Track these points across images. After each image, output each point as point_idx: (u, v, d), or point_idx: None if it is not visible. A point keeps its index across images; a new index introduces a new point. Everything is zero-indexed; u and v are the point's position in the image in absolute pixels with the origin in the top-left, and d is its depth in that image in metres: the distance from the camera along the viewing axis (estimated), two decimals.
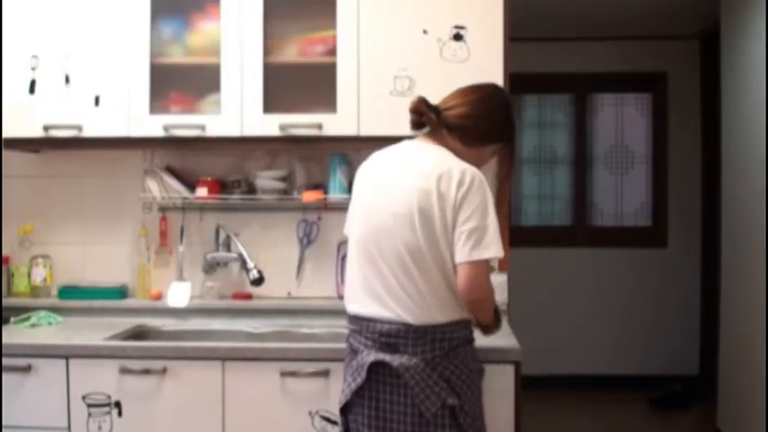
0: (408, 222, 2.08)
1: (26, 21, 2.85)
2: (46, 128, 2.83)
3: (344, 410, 2.19)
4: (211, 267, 3.07)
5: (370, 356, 2.11)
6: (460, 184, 2.07)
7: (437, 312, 2.10)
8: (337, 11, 2.77)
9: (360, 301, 2.17)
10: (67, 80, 2.85)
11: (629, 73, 5.90)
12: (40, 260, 3.11)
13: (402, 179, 2.14)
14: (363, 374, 2.10)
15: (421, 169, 2.12)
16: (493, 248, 2.07)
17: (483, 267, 2.09)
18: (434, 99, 2.71)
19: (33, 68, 2.85)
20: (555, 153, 6.10)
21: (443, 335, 2.11)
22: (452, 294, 2.11)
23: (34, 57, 2.85)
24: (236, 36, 2.80)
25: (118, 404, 2.50)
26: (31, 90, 2.86)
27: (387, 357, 2.08)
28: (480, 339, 2.62)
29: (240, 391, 2.48)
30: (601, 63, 5.84)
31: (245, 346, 2.61)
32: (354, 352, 2.17)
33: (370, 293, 2.14)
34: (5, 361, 2.50)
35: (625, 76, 5.93)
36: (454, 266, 2.08)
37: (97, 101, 2.84)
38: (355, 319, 2.19)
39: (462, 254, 2.06)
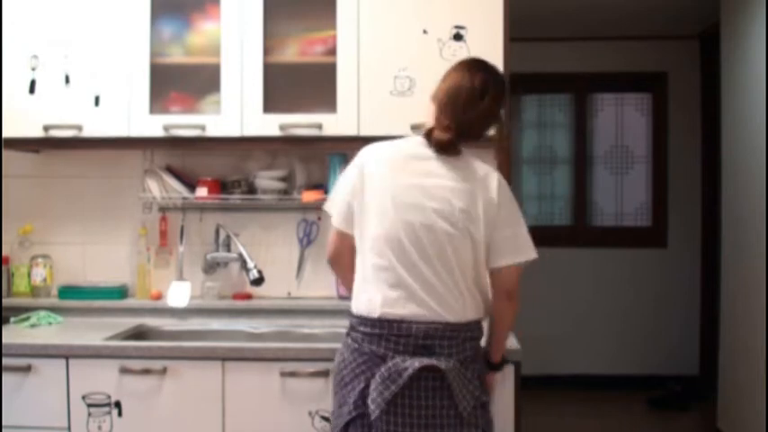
0: (450, 220, 2.08)
1: (26, 21, 2.85)
2: (46, 128, 2.83)
3: (357, 421, 2.06)
4: (211, 267, 3.07)
5: (409, 362, 2.02)
6: (500, 186, 2.15)
7: (470, 310, 2.12)
8: (337, 11, 2.77)
9: (389, 302, 2.07)
10: (67, 80, 2.85)
11: (629, 73, 5.90)
12: (40, 260, 3.11)
13: (438, 177, 2.12)
14: (402, 381, 2.01)
15: (459, 169, 2.14)
16: (532, 251, 2.23)
17: (521, 270, 2.23)
18: None
19: (33, 68, 2.85)
20: (555, 153, 6.10)
21: (472, 333, 2.13)
22: (480, 293, 2.15)
23: (34, 57, 2.85)
24: (236, 36, 2.80)
25: (118, 404, 2.50)
26: (31, 90, 2.86)
27: (431, 361, 2.02)
28: None
29: (240, 391, 2.48)
30: (601, 63, 5.84)
31: (245, 346, 2.60)
32: (380, 358, 2.05)
33: (405, 293, 2.07)
34: (5, 361, 2.50)
35: (625, 76, 5.93)
36: (489, 267, 2.16)
37: (97, 101, 2.84)
38: (379, 323, 2.07)
39: (510, 256, 2.18)
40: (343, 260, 2.28)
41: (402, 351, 2.04)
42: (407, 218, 2.09)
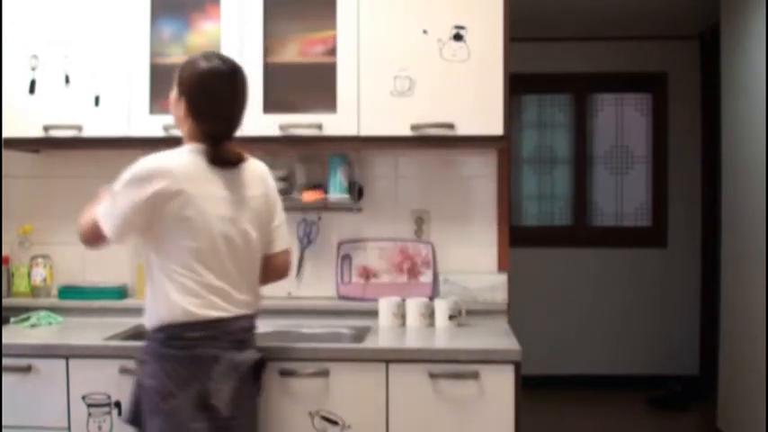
0: (252, 224, 2.28)
1: (26, 21, 2.85)
2: (46, 128, 2.83)
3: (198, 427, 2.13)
4: None
5: (241, 356, 2.20)
6: (270, 178, 2.41)
7: (258, 303, 2.37)
8: (337, 11, 2.76)
9: (212, 305, 2.17)
10: (67, 80, 2.85)
11: (629, 73, 5.90)
12: (40, 260, 3.11)
13: (234, 187, 2.25)
14: (238, 375, 2.17)
15: (250, 176, 2.31)
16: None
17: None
18: (434, 99, 2.73)
19: (33, 68, 2.85)
20: (555, 153, 6.10)
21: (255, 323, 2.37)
22: (258, 285, 2.36)
23: (34, 57, 2.85)
24: (236, 36, 2.80)
25: (118, 404, 2.50)
26: (31, 90, 2.86)
27: (257, 354, 2.27)
28: (479, 341, 2.63)
29: None
30: (601, 63, 5.84)
31: None
32: (213, 358, 2.14)
33: (224, 294, 2.20)
34: (5, 361, 2.50)
35: (625, 76, 5.93)
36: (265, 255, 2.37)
37: (97, 101, 2.84)
38: (204, 324, 2.15)
39: (285, 241, 2.43)
40: (98, 243, 2.31)
41: (229, 348, 2.19)
42: (223, 229, 2.20)
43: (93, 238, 2.27)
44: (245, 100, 2.29)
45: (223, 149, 2.23)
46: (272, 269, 2.40)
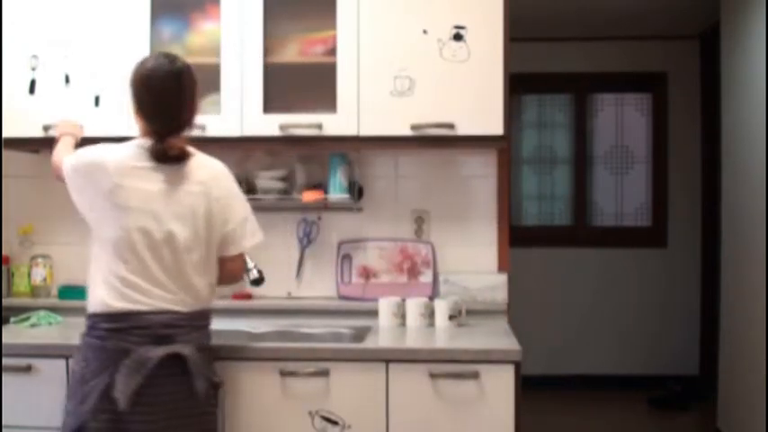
0: (183, 222, 2.26)
1: (26, 21, 2.85)
2: (46, 128, 2.83)
3: (100, 417, 2.15)
4: None
5: (153, 351, 2.16)
6: (227, 178, 2.40)
7: (203, 301, 2.32)
8: (337, 11, 2.76)
9: (128, 298, 2.19)
10: (67, 80, 2.85)
11: (629, 73, 5.90)
12: (40, 260, 3.11)
13: (169, 182, 2.26)
14: (146, 371, 2.14)
15: (190, 172, 2.30)
16: (259, 234, 2.46)
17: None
18: (434, 99, 2.73)
19: (33, 68, 2.85)
20: (555, 153, 6.10)
21: (205, 321, 2.34)
22: (208, 284, 2.34)
23: (34, 57, 2.85)
24: (236, 36, 2.80)
25: None
26: (31, 90, 2.86)
27: (174, 349, 2.19)
28: (479, 341, 2.62)
29: (240, 391, 2.48)
30: (601, 63, 5.85)
31: (245, 346, 2.60)
32: (123, 351, 2.15)
33: (144, 289, 2.20)
34: (5, 361, 2.50)
35: (625, 76, 5.93)
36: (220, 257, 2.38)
37: (97, 101, 2.84)
38: (120, 317, 2.18)
39: (239, 246, 2.41)
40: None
41: (144, 342, 2.17)
42: (141, 223, 2.21)
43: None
44: (192, 98, 2.33)
45: (166, 146, 2.26)
46: (223, 272, 2.42)
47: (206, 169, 2.37)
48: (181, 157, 2.29)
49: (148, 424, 2.15)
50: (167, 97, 2.28)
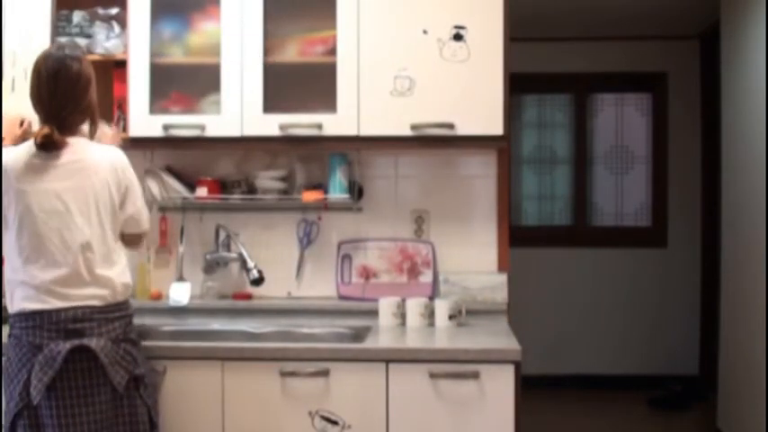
0: (85, 215, 2.27)
1: (26, 20, 2.85)
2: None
3: (23, 413, 2.18)
4: (211, 267, 3.07)
5: (62, 346, 2.17)
6: (124, 173, 2.38)
7: (117, 294, 2.31)
8: (337, 11, 2.76)
9: (39, 297, 2.21)
10: None
11: (629, 73, 5.90)
12: None
13: (73, 178, 2.27)
14: (57, 365, 2.16)
15: (87, 165, 2.30)
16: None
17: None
18: (434, 99, 2.73)
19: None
20: (555, 153, 6.10)
21: (121, 313, 2.32)
22: (120, 275, 2.35)
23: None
24: (237, 36, 2.79)
25: None
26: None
27: (82, 342, 2.19)
28: (479, 341, 2.62)
29: (240, 391, 2.48)
30: (601, 63, 5.84)
31: (245, 346, 2.61)
32: (37, 347, 2.19)
33: (53, 286, 2.22)
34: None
35: (625, 76, 5.93)
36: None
37: None
38: (32, 315, 2.21)
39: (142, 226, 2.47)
40: None
41: (55, 337, 2.20)
42: (45, 222, 2.24)
43: None
44: (70, 89, 2.30)
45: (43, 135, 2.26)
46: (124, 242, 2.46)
47: (93, 157, 2.34)
48: (53, 145, 2.26)
49: (66, 417, 2.17)
50: (42, 86, 2.29)
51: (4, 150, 2.32)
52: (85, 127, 2.38)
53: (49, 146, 2.26)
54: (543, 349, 5.55)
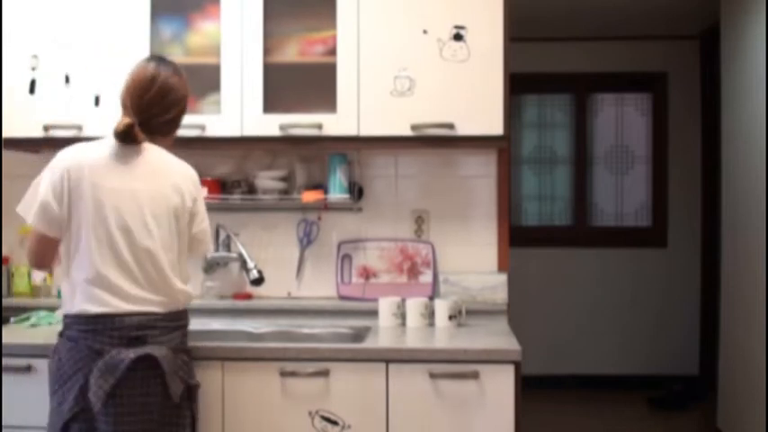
0: (158, 220, 2.25)
1: (26, 21, 2.85)
2: (46, 128, 2.83)
3: (79, 416, 2.16)
4: (211, 267, 3.07)
5: (125, 353, 2.15)
6: (193, 181, 2.38)
7: (178, 302, 2.31)
8: (337, 11, 2.76)
9: (103, 301, 2.19)
10: (67, 80, 2.85)
11: (629, 73, 5.90)
12: None
13: (142, 180, 2.26)
14: (119, 373, 2.14)
15: (164, 172, 2.30)
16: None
17: None
18: (434, 99, 2.73)
19: (33, 68, 2.85)
20: (555, 153, 6.10)
21: (180, 322, 2.32)
22: (182, 284, 2.32)
23: (34, 57, 2.85)
24: (237, 36, 2.80)
25: None
26: (31, 90, 2.86)
27: (146, 351, 2.17)
28: (479, 341, 2.62)
29: (240, 391, 2.48)
30: (601, 63, 5.85)
31: (245, 346, 2.60)
32: (97, 353, 2.16)
33: (119, 290, 2.20)
34: (5, 361, 2.50)
35: (625, 76, 5.93)
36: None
37: (97, 101, 2.84)
38: (93, 319, 2.19)
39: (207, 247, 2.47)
40: (48, 262, 2.38)
41: (117, 344, 2.17)
42: (117, 222, 2.22)
43: (35, 252, 2.36)
44: (163, 97, 2.32)
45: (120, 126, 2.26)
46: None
47: (164, 165, 2.34)
48: (127, 136, 2.24)
49: (123, 425, 2.15)
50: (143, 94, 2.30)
51: (82, 144, 2.32)
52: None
53: (127, 137, 2.24)
54: (543, 349, 5.56)
